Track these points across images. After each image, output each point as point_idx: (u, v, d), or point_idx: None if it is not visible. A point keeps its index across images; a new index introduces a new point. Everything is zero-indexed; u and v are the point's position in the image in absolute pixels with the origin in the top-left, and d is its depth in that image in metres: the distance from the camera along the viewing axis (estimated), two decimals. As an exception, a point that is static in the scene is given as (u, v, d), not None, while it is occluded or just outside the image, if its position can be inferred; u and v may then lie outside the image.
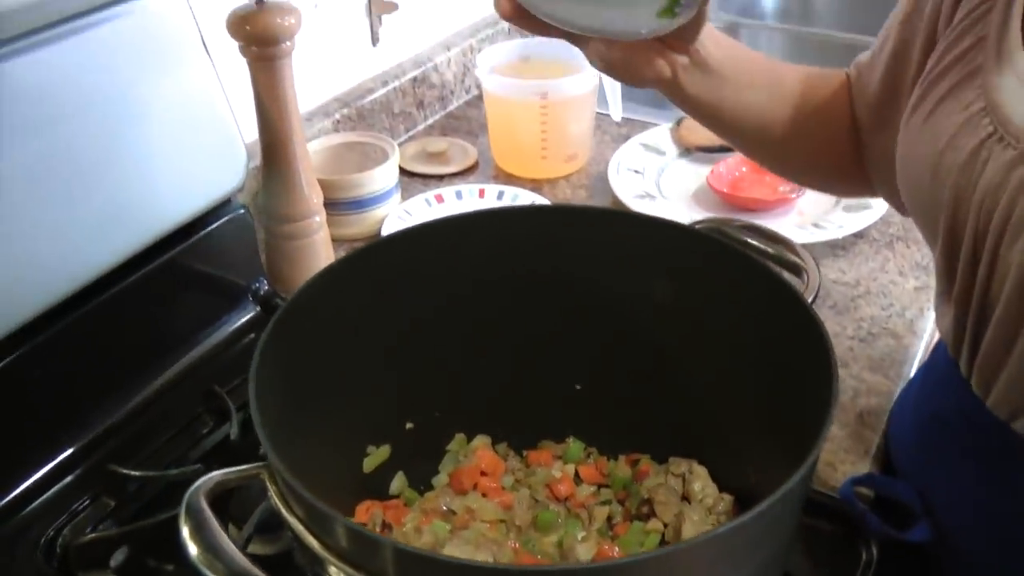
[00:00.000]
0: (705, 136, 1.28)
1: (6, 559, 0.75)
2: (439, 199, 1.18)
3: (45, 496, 0.78)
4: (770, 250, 0.63)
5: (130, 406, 0.87)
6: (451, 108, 1.46)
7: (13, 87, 0.77)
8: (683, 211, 1.15)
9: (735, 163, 1.20)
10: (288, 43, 0.94)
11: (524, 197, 1.17)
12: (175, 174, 0.89)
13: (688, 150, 1.27)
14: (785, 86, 0.80)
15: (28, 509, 0.77)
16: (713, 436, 0.67)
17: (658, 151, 1.27)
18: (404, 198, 1.18)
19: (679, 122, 1.30)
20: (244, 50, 0.94)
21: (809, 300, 0.59)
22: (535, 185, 1.23)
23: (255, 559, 0.71)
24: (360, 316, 0.65)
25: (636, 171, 1.22)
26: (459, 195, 1.19)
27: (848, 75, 0.83)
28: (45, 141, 0.78)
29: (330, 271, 0.64)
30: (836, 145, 0.81)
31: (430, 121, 1.42)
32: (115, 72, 0.84)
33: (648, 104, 1.48)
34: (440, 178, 1.28)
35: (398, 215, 1.14)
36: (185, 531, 0.47)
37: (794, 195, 1.14)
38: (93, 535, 0.75)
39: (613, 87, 1.33)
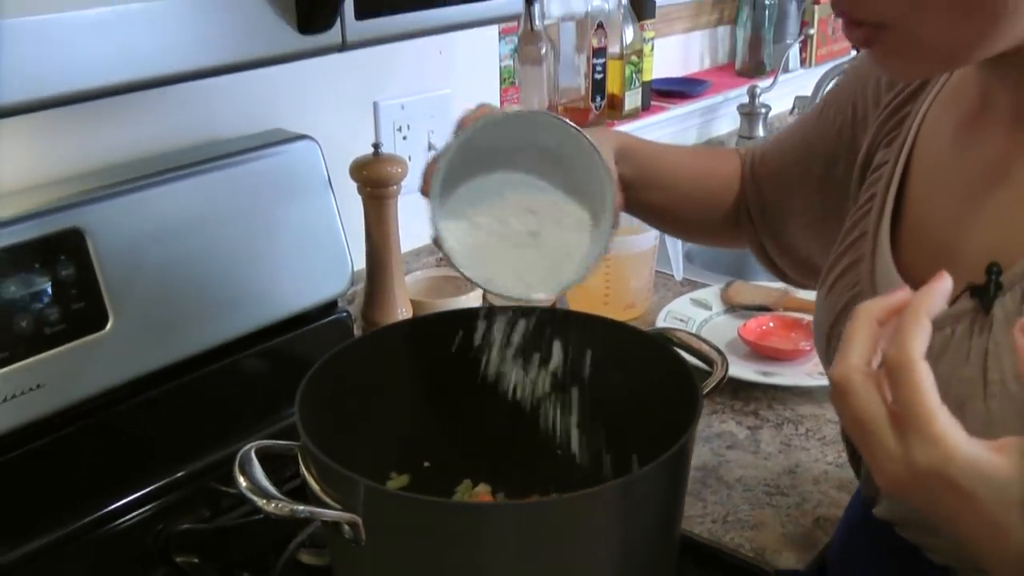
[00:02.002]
0: (748, 297, 1.49)
1: (130, 542, 1.01)
2: (513, 328, 1.42)
3: (161, 500, 1.04)
4: (693, 345, 0.84)
5: (233, 448, 1.11)
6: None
7: (187, 198, 1.06)
8: (715, 355, 1.35)
9: (765, 319, 1.40)
10: (395, 187, 1.22)
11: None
12: (293, 277, 1.16)
13: (732, 307, 1.48)
14: (681, 183, 1.02)
15: (148, 508, 1.02)
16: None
17: (705, 306, 1.48)
18: (484, 325, 1.42)
19: (729, 284, 1.52)
20: (360, 189, 1.22)
21: (713, 384, 0.79)
22: (596, 325, 1.46)
23: (307, 569, 0.95)
24: (388, 374, 0.88)
25: (681, 320, 1.44)
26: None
27: (742, 159, 1.04)
28: (203, 237, 1.07)
29: (373, 336, 0.89)
30: (724, 216, 1.03)
31: (523, 269, 1.67)
32: (260, 195, 1.13)
33: (708, 268, 1.71)
34: (520, 314, 1.51)
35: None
36: (239, 473, 0.70)
37: (809, 347, 1.33)
38: (186, 526, 0.99)
39: (676, 252, 1.57)
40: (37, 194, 0.99)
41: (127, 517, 1.01)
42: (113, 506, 1.01)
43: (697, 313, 1.46)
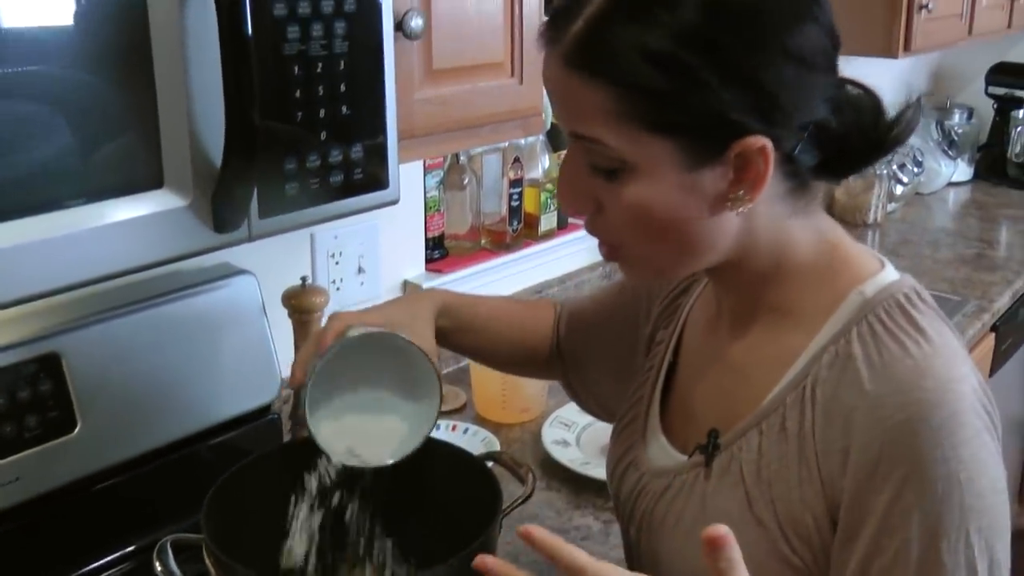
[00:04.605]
0: (625, 404, 1.75)
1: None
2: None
3: (113, 570, 1.29)
4: (516, 467, 1.10)
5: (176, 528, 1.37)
6: (453, 367, 1.97)
7: (145, 325, 1.33)
8: (589, 459, 1.61)
9: (633, 425, 1.66)
10: (319, 313, 1.49)
11: (475, 433, 1.66)
12: (232, 388, 1.43)
13: (612, 414, 1.74)
14: (493, 326, 1.23)
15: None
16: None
17: (589, 412, 1.74)
18: (400, 423, 1.68)
19: (611, 393, 1.78)
20: (290, 315, 1.49)
21: (522, 498, 1.05)
22: (495, 427, 1.72)
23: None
24: (277, 482, 1.13)
25: (566, 424, 1.69)
26: (438, 427, 1.68)
27: (556, 311, 1.26)
28: (157, 357, 1.33)
29: (265, 456, 1.15)
30: (535, 356, 1.26)
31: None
32: (205, 321, 1.40)
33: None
34: (434, 413, 1.77)
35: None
36: (156, 559, 0.96)
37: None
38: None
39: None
40: (23, 324, 1.26)
41: (84, 584, 1.27)
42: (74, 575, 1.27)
43: (581, 419, 1.72)
